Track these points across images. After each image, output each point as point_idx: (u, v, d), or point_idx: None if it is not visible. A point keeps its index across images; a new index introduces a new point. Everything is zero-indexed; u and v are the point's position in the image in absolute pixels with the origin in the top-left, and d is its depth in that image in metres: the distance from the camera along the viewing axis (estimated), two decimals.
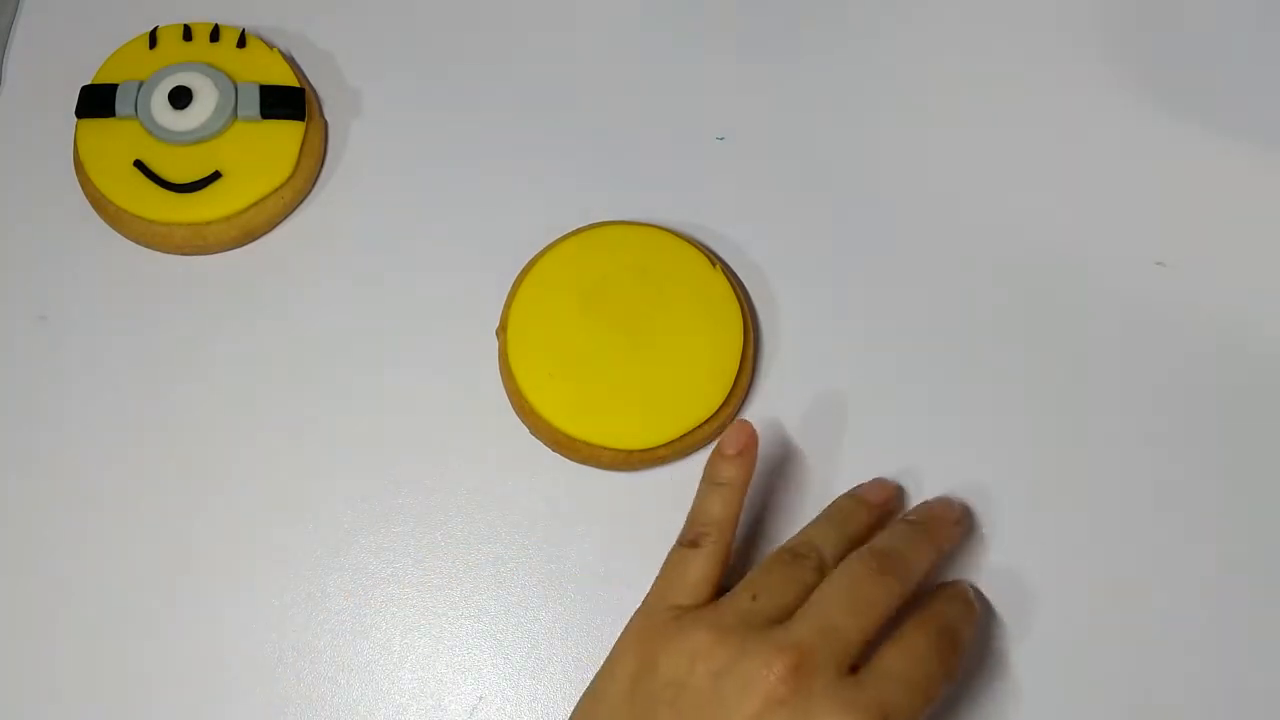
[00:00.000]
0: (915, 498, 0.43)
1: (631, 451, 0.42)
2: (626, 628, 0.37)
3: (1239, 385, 0.45)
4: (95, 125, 0.47)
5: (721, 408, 0.43)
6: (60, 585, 0.42)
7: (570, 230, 0.46)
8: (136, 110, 0.46)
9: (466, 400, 0.45)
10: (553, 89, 0.50)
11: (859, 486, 0.42)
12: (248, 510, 0.43)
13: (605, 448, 0.42)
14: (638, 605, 0.37)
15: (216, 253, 0.47)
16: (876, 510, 0.40)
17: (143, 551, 0.43)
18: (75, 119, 0.47)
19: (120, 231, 0.47)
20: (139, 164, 0.46)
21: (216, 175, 0.46)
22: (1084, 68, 0.50)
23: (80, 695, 0.41)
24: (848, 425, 0.44)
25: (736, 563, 0.41)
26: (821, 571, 0.37)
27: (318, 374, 0.45)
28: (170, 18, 0.49)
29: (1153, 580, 0.43)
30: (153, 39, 0.48)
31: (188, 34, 0.48)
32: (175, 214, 0.45)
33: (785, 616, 0.35)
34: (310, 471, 0.44)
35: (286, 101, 0.47)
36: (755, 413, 0.45)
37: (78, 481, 0.44)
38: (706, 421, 0.43)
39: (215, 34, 0.48)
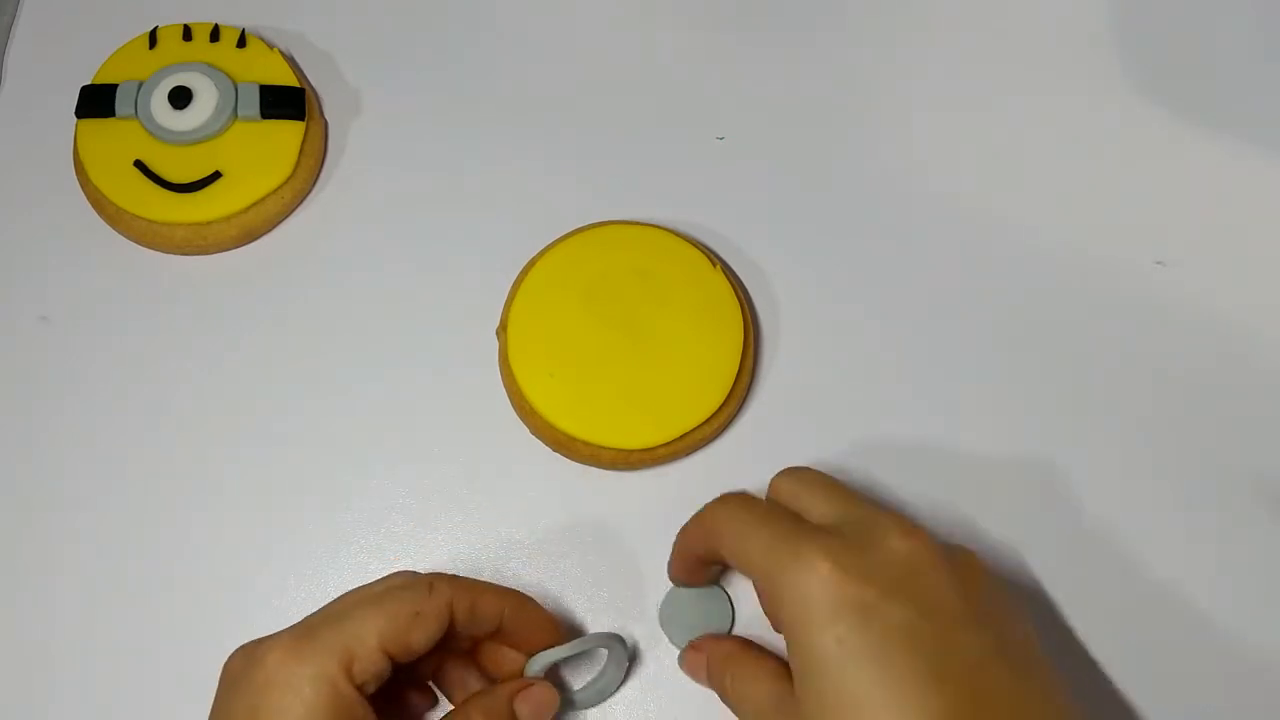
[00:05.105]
0: (915, 498, 0.43)
1: (631, 451, 0.42)
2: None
3: (1239, 385, 0.45)
4: (95, 125, 0.47)
5: (721, 408, 0.43)
6: (60, 584, 0.42)
7: (570, 230, 0.46)
8: (136, 110, 0.46)
9: (466, 400, 0.45)
10: (553, 89, 0.50)
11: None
12: (247, 510, 0.43)
13: (605, 448, 0.42)
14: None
15: (216, 253, 0.47)
16: None
17: (142, 551, 0.43)
18: (75, 119, 0.47)
19: (120, 231, 0.47)
20: (139, 164, 0.46)
21: (216, 175, 0.46)
22: (1084, 68, 0.50)
23: (79, 694, 0.41)
24: (847, 425, 0.44)
25: None
26: None
27: (318, 374, 0.45)
28: (170, 18, 0.49)
29: (1152, 578, 0.43)
30: (153, 39, 0.48)
31: (188, 34, 0.48)
32: (175, 214, 0.45)
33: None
34: (310, 471, 0.44)
35: (286, 101, 0.47)
36: (755, 413, 0.45)
37: (78, 481, 0.44)
38: (706, 421, 0.43)
39: (215, 34, 0.48)
